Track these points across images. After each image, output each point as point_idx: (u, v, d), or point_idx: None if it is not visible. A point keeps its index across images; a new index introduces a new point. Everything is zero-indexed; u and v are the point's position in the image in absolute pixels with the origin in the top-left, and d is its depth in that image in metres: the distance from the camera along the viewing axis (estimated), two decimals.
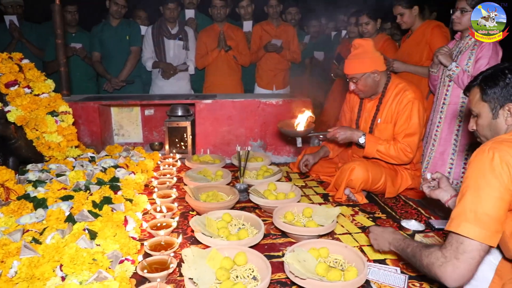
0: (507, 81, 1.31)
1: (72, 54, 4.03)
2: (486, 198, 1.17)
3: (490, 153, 1.20)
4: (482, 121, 1.39)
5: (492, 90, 1.34)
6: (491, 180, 1.17)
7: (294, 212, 2.03)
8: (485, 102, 1.37)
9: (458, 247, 1.18)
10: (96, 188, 2.24)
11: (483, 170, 1.20)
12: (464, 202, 1.21)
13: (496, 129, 1.36)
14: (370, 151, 2.39)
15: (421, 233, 1.93)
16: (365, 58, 2.37)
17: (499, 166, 1.17)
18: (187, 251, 1.53)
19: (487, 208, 1.17)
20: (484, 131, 1.41)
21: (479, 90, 1.39)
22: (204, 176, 2.59)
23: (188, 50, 4.29)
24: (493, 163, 1.18)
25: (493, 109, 1.35)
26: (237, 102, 3.13)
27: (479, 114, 1.40)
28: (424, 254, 1.27)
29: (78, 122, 3.08)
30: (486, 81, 1.37)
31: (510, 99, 1.31)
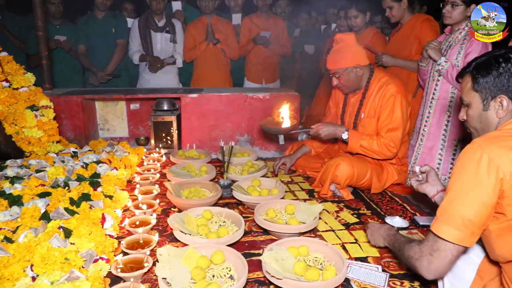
0: (501, 70, 1.21)
1: (56, 46, 3.94)
2: (468, 202, 1.12)
3: (478, 152, 1.12)
4: (473, 112, 1.30)
5: (484, 80, 1.24)
6: (476, 184, 1.11)
7: (277, 209, 1.99)
8: (476, 92, 1.27)
9: (433, 245, 1.19)
10: (76, 184, 2.19)
11: (469, 172, 1.13)
12: (446, 202, 1.18)
13: (486, 121, 1.27)
14: (353, 146, 2.35)
15: (404, 230, 1.90)
16: (346, 52, 2.33)
17: (486, 169, 1.10)
18: (162, 250, 1.48)
19: (467, 213, 1.12)
20: (474, 122, 1.32)
21: (471, 78, 1.29)
22: (188, 171, 2.55)
23: (176, 43, 4.21)
24: (480, 165, 1.10)
25: (484, 100, 1.26)
26: (223, 96, 3.08)
27: (469, 104, 1.31)
28: (406, 247, 1.32)
29: (61, 117, 3.02)
30: (479, 69, 1.26)
31: (502, 90, 1.21)
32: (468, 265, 1.30)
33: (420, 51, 2.98)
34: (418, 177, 1.68)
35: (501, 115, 1.23)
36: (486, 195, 1.10)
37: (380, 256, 1.70)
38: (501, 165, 1.09)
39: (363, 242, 1.81)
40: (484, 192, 1.10)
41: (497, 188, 1.10)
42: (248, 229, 1.94)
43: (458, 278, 1.30)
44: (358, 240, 1.83)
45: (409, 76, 3.03)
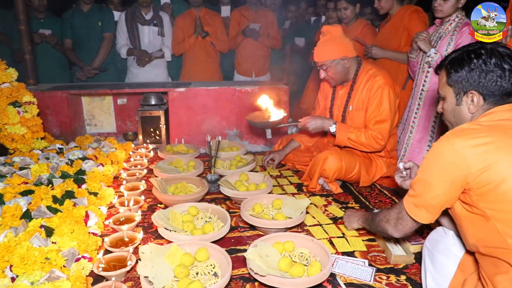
0: (472, 66, 1.21)
1: (41, 41, 3.86)
2: (432, 189, 1.18)
3: (445, 143, 1.15)
4: (447, 105, 1.31)
5: (456, 75, 1.24)
6: (441, 173, 1.15)
7: (264, 203, 1.97)
8: (450, 86, 1.28)
9: (400, 213, 1.33)
10: (60, 182, 2.15)
11: (436, 161, 1.17)
12: (416, 182, 1.25)
13: (459, 116, 1.28)
14: (341, 139, 2.33)
15: None
16: (333, 44, 2.30)
17: (453, 159, 1.12)
18: (145, 248, 1.46)
19: (431, 199, 1.19)
20: (448, 116, 1.33)
21: (445, 72, 1.30)
22: (176, 167, 2.51)
23: (164, 36, 4.15)
24: (447, 156, 1.13)
25: (457, 95, 1.26)
26: (211, 90, 3.04)
27: (444, 97, 1.32)
28: (377, 214, 1.50)
29: (46, 113, 2.96)
30: (452, 63, 1.27)
31: (474, 85, 1.21)
32: (449, 259, 1.30)
33: (409, 42, 2.96)
34: (402, 173, 1.67)
35: (472, 110, 1.24)
36: (450, 185, 1.15)
37: (367, 250, 1.68)
38: (465, 159, 1.10)
39: (351, 236, 1.80)
40: (448, 181, 1.15)
41: (460, 180, 1.12)
42: (235, 224, 1.92)
43: (440, 273, 1.30)
44: (346, 234, 1.82)
45: (399, 68, 3.00)
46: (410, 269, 1.56)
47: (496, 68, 1.17)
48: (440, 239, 1.38)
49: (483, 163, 1.08)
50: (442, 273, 1.29)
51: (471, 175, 1.09)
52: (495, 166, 1.06)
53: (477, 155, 1.08)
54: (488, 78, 1.18)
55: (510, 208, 1.06)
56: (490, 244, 1.10)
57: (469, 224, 1.16)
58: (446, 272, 1.28)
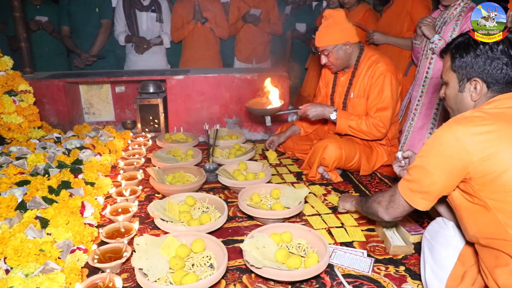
0: (478, 52, 1.16)
1: (37, 28, 3.80)
2: (430, 176, 1.15)
3: (448, 131, 1.11)
4: (450, 91, 1.27)
5: (461, 60, 1.20)
6: (440, 161, 1.12)
7: (262, 193, 1.95)
8: (453, 72, 1.24)
9: (393, 195, 1.31)
10: (56, 172, 2.13)
11: (436, 148, 1.13)
12: (414, 167, 1.21)
13: (462, 103, 1.24)
14: (342, 127, 2.29)
15: None
16: (335, 29, 2.23)
17: (453, 146, 1.08)
18: (140, 239, 1.44)
19: (428, 185, 1.16)
20: (450, 102, 1.29)
21: (450, 57, 1.25)
22: (174, 156, 2.49)
23: (162, 23, 4.07)
24: (448, 143, 1.10)
25: (460, 81, 1.22)
26: (210, 77, 2.99)
27: (447, 82, 1.28)
28: (369, 199, 1.48)
29: (43, 101, 2.93)
30: (457, 48, 1.22)
31: (478, 72, 1.17)
32: (449, 251, 1.27)
33: (411, 28, 2.89)
34: (400, 163, 1.63)
35: (475, 98, 1.20)
36: (449, 173, 1.11)
37: (366, 241, 1.66)
38: (467, 147, 1.06)
39: (349, 226, 1.78)
40: (447, 170, 1.11)
41: (460, 168, 1.08)
42: (233, 214, 1.90)
43: (439, 264, 1.27)
44: (345, 224, 1.79)
45: (401, 54, 2.94)
46: (409, 259, 1.54)
47: (503, 56, 1.13)
48: (440, 230, 1.35)
49: (485, 152, 1.04)
50: (441, 265, 1.26)
51: (472, 164, 1.06)
52: (497, 156, 1.03)
53: (479, 143, 1.05)
54: (494, 65, 1.14)
55: (511, 199, 1.02)
56: (491, 235, 1.08)
57: (469, 214, 1.13)
58: (446, 264, 1.25)
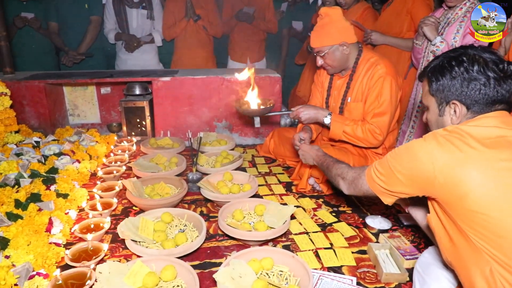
0: (454, 74, 1.11)
1: (23, 25, 3.65)
2: (394, 176, 1.16)
3: (423, 142, 1.09)
4: (431, 116, 1.22)
5: (438, 83, 1.15)
6: (407, 166, 1.11)
7: (245, 209, 1.80)
8: (432, 96, 1.19)
9: (359, 175, 1.35)
10: (28, 182, 1.99)
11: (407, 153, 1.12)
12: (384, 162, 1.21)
13: (443, 127, 1.15)
14: (336, 132, 2.14)
15: (386, 233, 1.71)
16: (332, 28, 2.07)
17: (422, 157, 1.06)
18: (103, 266, 1.30)
19: (391, 184, 1.18)
20: (433, 127, 1.23)
21: (427, 81, 1.20)
22: (157, 163, 2.34)
23: (154, 20, 3.93)
24: (418, 152, 1.08)
25: (439, 105, 1.17)
26: (198, 79, 2.84)
27: (428, 107, 1.22)
28: (335, 167, 1.54)
29: (23, 103, 2.79)
30: (433, 72, 1.17)
31: (456, 95, 1.11)
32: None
33: (412, 28, 2.73)
34: None
35: (455, 121, 1.14)
36: (411, 181, 1.11)
37: (356, 265, 1.51)
38: (434, 162, 1.03)
39: (339, 247, 1.63)
40: (410, 178, 1.11)
41: (424, 180, 1.07)
42: (214, 232, 1.75)
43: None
44: (334, 245, 1.64)
45: (400, 55, 2.78)
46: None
47: (480, 76, 1.07)
48: (432, 262, 1.21)
49: (451, 171, 1.01)
50: None
51: (436, 180, 1.04)
52: (463, 177, 0.99)
53: (448, 161, 1.01)
54: (471, 87, 1.08)
55: (478, 220, 0.97)
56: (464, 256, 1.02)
57: (443, 239, 1.08)
58: None
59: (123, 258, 1.56)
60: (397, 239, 1.65)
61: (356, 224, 1.83)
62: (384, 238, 1.65)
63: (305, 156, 1.91)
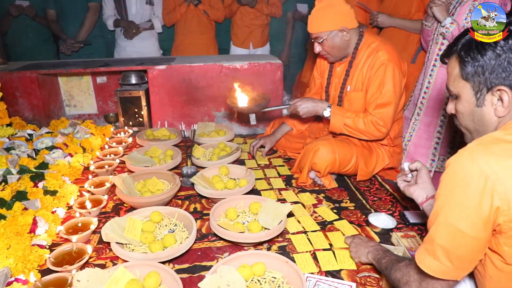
0: (498, 51, 0.87)
1: (18, 13, 3.55)
2: (456, 234, 0.85)
3: (469, 163, 0.81)
4: (463, 107, 0.97)
5: (475, 64, 0.90)
6: (463, 210, 0.82)
7: (240, 207, 1.70)
8: (466, 81, 0.94)
9: (420, 274, 0.98)
10: (15, 178, 1.91)
11: (456, 192, 0.83)
12: (434, 230, 0.91)
13: (481, 121, 0.94)
14: (336, 125, 2.01)
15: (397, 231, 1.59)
16: (330, 13, 1.92)
17: (478, 187, 0.79)
18: (82, 274, 1.21)
19: (456, 248, 0.87)
20: (465, 120, 0.99)
21: (458, 62, 0.95)
22: (151, 157, 2.24)
23: (153, 5, 3.82)
24: (471, 185, 0.80)
25: (477, 93, 0.93)
26: (195, 67, 2.71)
27: (458, 96, 0.98)
28: (394, 268, 1.11)
29: (15, 95, 2.71)
30: (467, 49, 0.92)
31: (502, 78, 0.87)
32: None
33: (421, 8, 2.55)
34: (406, 177, 1.36)
35: (501, 113, 0.89)
36: (475, 226, 0.83)
37: (357, 269, 1.40)
38: (499, 188, 0.77)
39: (339, 248, 1.52)
40: (473, 222, 0.82)
41: (490, 219, 0.80)
42: (206, 231, 1.65)
43: None
44: (333, 246, 1.53)
45: (408, 38, 2.61)
46: None
47: None
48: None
49: None
50: None
51: (502, 213, 0.79)
52: None
53: None
54: None
55: None
56: None
57: (491, 279, 0.88)
58: None
59: (109, 261, 1.48)
60: (411, 239, 1.52)
61: (359, 222, 1.71)
62: (397, 238, 1.53)
63: (358, 250, 1.38)
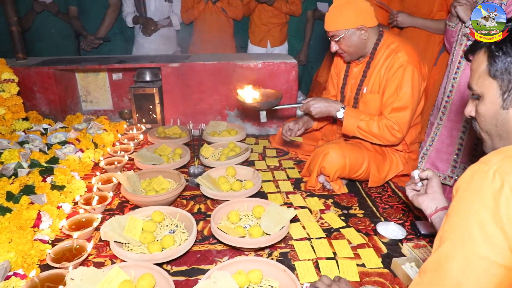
0: None
1: (42, 9, 3.62)
2: (472, 259, 0.71)
3: (497, 181, 0.69)
4: (486, 108, 0.88)
5: (506, 60, 0.82)
6: (487, 231, 0.69)
7: (243, 210, 1.66)
8: (493, 79, 0.85)
9: None
10: (25, 172, 1.93)
11: (477, 210, 0.71)
12: (440, 253, 0.77)
13: (506, 126, 0.85)
14: (349, 128, 1.94)
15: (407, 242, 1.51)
16: (349, 10, 1.84)
17: (506, 210, 0.67)
18: (76, 272, 1.20)
19: (470, 279, 0.71)
20: (487, 124, 0.90)
21: (486, 56, 0.87)
22: (160, 155, 2.23)
23: (172, 3, 3.82)
24: (500, 204, 0.68)
25: (505, 93, 0.84)
26: (208, 65, 2.69)
27: (482, 96, 0.89)
28: None
29: (33, 90, 2.75)
30: (499, 42, 0.85)
31: None
32: None
33: (444, 7, 2.44)
34: (415, 185, 1.29)
35: None
36: (501, 249, 0.68)
37: (360, 281, 1.34)
38: None
39: (343, 258, 1.46)
40: (498, 245, 0.69)
41: (505, 247, 0.68)
42: (208, 233, 1.62)
43: None
44: (337, 255, 1.47)
45: (429, 38, 2.50)
46: None
47: None
48: None
49: None
50: None
51: None
52: None
53: None
54: None
55: None
56: None
57: None
58: None
59: (108, 259, 1.46)
60: (423, 249, 1.44)
61: (366, 231, 1.64)
62: (409, 249, 1.45)
63: None
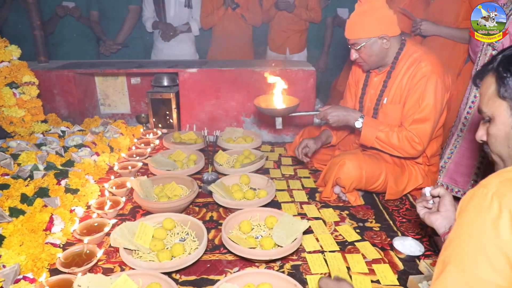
0: None
1: (64, 14, 3.69)
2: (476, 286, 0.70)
3: (495, 205, 0.69)
4: (497, 129, 0.87)
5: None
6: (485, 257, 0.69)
7: (255, 220, 1.62)
8: (503, 100, 0.84)
9: None
10: (41, 175, 1.95)
11: (480, 236, 0.70)
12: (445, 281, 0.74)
13: None
14: (367, 138, 1.88)
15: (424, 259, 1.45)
16: (371, 18, 1.78)
17: (506, 234, 0.67)
18: (83, 279, 1.19)
19: None
20: (498, 146, 0.88)
21: (495, 79, 0.86)
22: (174, 160, 2.22)
23: (191, 8, 3.83)
24: (499, 228, 0.67)
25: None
26: (226, 71, 2.67)
27: (492, 117, 0.88)
28: None
29: (53, 92, 2.80)
30: (507, 63, 0.82)
31: None
32: None
33: (469, 16, 2.35)
34: (427, 203, 1.23)
35: None
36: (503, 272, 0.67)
37: None
38: None
39: (357, 273, 1.40)
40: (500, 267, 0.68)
41: None
42: (219, 242, 1.59)
43: None
44: (351, 270, 1.42)
45: (454, 48, 2.42)
46: None
47: None
48: None
49: None
50: None
51: None
52: None
53: None
54: None
55: None
56: None
57: None
58: None
59: (117, 266, 1.45)
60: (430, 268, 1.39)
61: (382, 245, 1.58)
62: (427, 266, 1.39)
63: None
